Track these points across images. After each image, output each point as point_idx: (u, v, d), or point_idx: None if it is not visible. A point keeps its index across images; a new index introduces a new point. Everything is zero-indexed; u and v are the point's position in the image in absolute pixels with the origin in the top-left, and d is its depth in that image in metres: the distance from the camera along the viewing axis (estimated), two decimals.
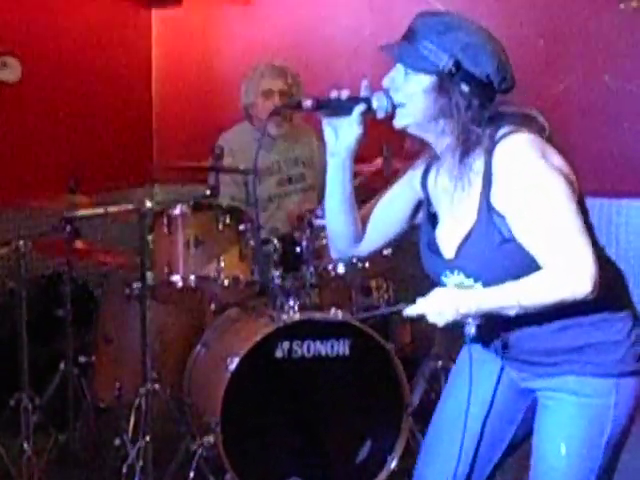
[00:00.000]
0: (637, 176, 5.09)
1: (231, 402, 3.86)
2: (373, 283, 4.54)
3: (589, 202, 2.41)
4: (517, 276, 2.30)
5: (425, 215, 2.61)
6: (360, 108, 2.45)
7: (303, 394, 4.00)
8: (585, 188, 2.40)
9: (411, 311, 2.35)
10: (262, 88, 4.69)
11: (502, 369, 2.64)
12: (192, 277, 4.05)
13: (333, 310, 4.08)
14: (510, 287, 2.29)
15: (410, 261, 4.64)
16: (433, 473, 2.69)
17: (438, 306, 2.30)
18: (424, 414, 4.36)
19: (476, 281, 2.40)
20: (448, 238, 2.49)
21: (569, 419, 2.48)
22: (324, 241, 4.16)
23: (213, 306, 4.37)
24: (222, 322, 4.36)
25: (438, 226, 2.55)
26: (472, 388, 2.51)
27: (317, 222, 4.19)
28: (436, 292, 2.34)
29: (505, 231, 2.33)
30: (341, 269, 4.23)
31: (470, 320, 2.32)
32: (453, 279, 2.46)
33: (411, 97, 2.38)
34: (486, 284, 2.37)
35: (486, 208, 2.36)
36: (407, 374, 4.07)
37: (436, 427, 2.74)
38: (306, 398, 4.01)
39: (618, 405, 2.44)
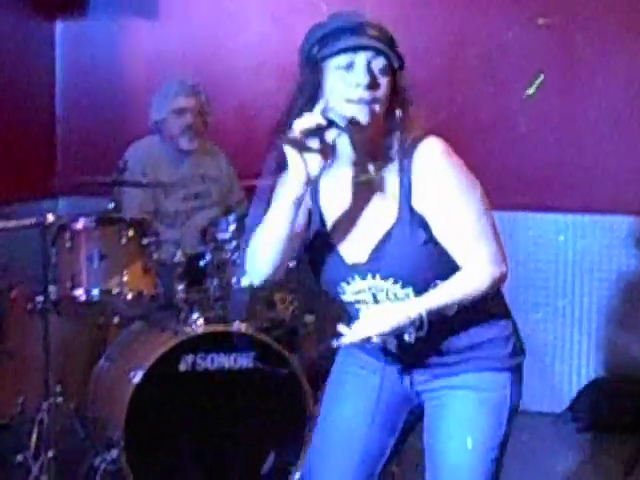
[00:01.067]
0: (535, 189, 5.24)
1: (135, 416, 3.85)
2: (277, 296, 4.53)
3: None
4: (438, 275, 2.41)
5: (317, 225, 2.61)
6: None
7: (207, 407, 4.00)
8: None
9: (359, 336, 2.34)
10: (175, 106, 4.67)
11: (383, 378, 2.66)
12: (95, 291, 4.01)
13: (237, 323, 4.08)
14: (444, 287, 2.39)
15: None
16: None
17: (388, 322, 2.33)
18: None
19: (395, 282, 2.44)
20: (355, 243, 2.51)
21: (472, 414, 2.57)
22: (228, 255, 4.20)
23: (117, 320, 4.35)
24: (126, 336, 4.35)
25: (335, 234, 2.56)
26: (355, 401, 2.68)
27: (220, 236, 4.21)
28: (376, 311, 2.39)
29: (427, 231, 2.41)
30: (245, 282, 4.16)
31: (411, 329, 2.35)
32: (359, 284, 2.51)
33: (384, 94, 2.41)
34: (406, 284, 2.43)
35: (407, 209, 2.42)
36: (313, 385, 4.09)
37: (329, 439, 2.75)
38: (210, 411, 4.01)
39: (512, 397, 2.57)
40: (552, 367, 5.48)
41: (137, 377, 3.85)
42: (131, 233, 4.09)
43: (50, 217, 3.94)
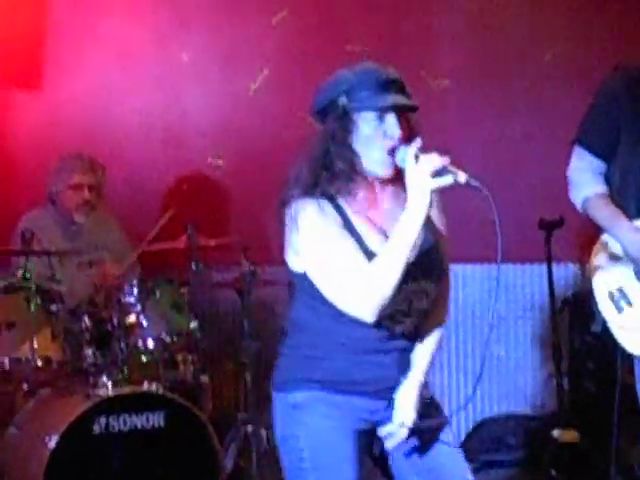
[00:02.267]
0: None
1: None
2: (179, 357, 4.63)
3: None
4: None
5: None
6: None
7: (124, 467, 4.04)
8: None
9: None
10: (72, 182, 4.77)
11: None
12: (5, 360, 4.03)
13: (146, 384, 4.18)
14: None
15: (211, 332, 4.88)
16: None
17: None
18: (238, 478, 4.57)
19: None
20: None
21: None
22: (132, 318, 4.31)
23: (25, 387, 4.32)
24: (35, 403, 4.33)
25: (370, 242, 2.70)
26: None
27: (126, 299, 4.32)
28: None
29: None
30: (150, 344, 4.34)
31: None
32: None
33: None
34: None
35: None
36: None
37: None
38: (126, 471, 4.04)
39: None
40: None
41: (52, 442, 3.88)
42: (38, 300, 4.12)
43: None
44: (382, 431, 2.77)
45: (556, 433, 4.80)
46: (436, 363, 5.37)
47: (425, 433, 2.83)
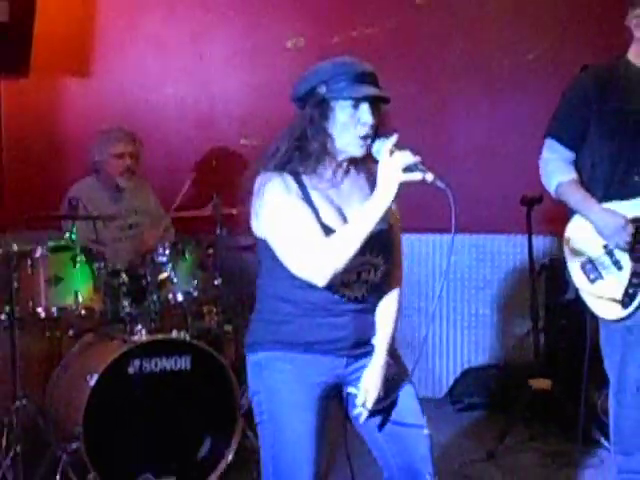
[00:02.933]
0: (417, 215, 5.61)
1: (91, 413, 4.01)
2: (205, 309, 4.83)
3: None
4: None
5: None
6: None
7: (154, 403, 4.18)
8: None
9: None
10: (115, 151, 4.88)
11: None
12: (54, 309, 4.15)
13: (175, 332, 4.32)
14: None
15: (234, 289, 5.01)
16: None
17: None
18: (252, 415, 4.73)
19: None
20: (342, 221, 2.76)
21: None
22: (164, 274, 4.47)
23: (71, 332, 4.49)
24: (78, 346, 4.50)
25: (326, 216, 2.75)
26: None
27: (159, 259, 4.47)
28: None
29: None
30: (180, 297, 4.48)
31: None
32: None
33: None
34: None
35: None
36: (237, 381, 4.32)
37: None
38: (156, 406, 4.19)
39: None
40: (433, 360, 5.80)
41: (92, 380, 4.03)
42: (83, 259, 4.25)
43: (14, 247, 4.08)
44: (353, 412, 2.85)
45: (531, 381, 4.94)
46: (429, 316, 5.70)
47: (385, 408, 2.88)
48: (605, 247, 3.69)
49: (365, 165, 2.85)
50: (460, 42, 5.74)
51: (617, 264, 3.68)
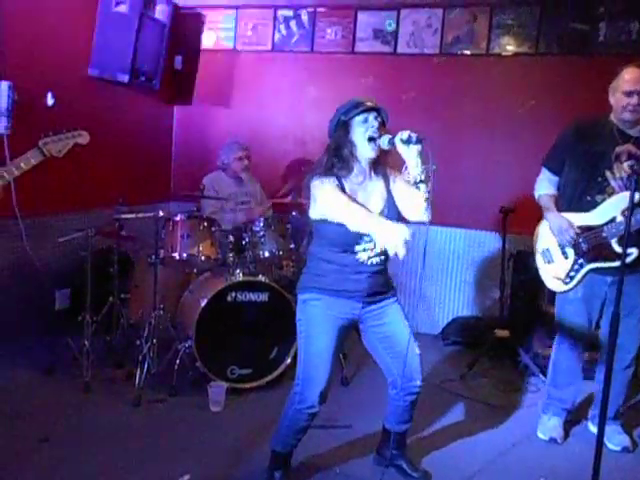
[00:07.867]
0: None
1: (201, 323, 3.81)
2: (284, 263, 4.48)
3: None
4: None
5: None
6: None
7: (243, 322, 3.92)
8: None
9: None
10: (237, 155, 4.64)
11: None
12: (184, 254, 3.96)
13: (260, 276, 4.04)
14: None
15: (303, 249, 4.72)
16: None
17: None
18: None
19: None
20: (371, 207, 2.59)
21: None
22: (258, 238, 4.13)
23: (195, 270, 4.27)
24: (200, 280, 4.30)
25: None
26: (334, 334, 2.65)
27: (255, 228, 4.15)
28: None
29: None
30: (267, 254, 4.14)
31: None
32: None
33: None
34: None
35: (388, 191, 2.65)
36: None
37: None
38: (244, 324, 3.93)
39: None
40: (433, 309, 5.38)
41: (203, 302, 3.83)
42: (205, 224, 4.04)
43: (161, 212, 3.90)
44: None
45: (496, 331, 4.52)
46: (432, 283, 5.27)
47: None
48: (558, 241, 3.34)
49: (382, 170, 2.69)
50: (468, 100, 5.16)
51: (565, 254, 3.33)
